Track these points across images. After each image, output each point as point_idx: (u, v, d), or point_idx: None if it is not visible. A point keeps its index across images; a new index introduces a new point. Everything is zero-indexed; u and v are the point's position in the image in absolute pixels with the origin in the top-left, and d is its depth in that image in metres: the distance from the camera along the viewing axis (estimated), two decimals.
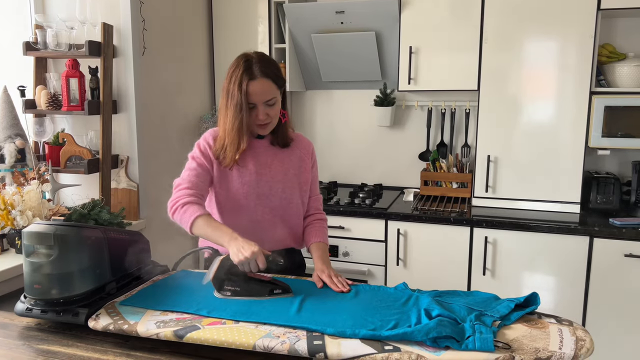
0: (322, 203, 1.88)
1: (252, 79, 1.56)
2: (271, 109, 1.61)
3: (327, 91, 3.35)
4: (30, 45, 2.42)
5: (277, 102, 1.62)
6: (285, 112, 1.70)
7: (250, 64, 1.57)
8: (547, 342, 1.13)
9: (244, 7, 3.05)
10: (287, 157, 1.73)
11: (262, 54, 1.64)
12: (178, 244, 2.95)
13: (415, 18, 2.76)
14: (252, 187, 1.66)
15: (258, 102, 1.58)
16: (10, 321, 1.39)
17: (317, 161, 1.84)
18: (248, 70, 1.56)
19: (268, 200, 1.69)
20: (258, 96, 1.57)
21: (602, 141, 2.56)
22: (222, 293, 1.38)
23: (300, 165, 1.75)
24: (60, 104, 2.47)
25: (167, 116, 2.82)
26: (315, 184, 1.83)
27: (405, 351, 1.10)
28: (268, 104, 1.60)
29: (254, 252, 1.35)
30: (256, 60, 1.58)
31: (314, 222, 1.79)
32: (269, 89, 1.58)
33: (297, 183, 1.73)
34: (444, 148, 3.10)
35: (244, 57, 1.60)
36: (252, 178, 1.67)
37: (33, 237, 1.30)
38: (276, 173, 1.70)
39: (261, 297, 1.35)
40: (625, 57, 2.64)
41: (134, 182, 2.57)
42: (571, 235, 2.43)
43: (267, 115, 1.60)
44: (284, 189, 1.70)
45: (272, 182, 1.69)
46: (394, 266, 2.72)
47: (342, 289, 1.48)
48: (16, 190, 2.00)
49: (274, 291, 1.36)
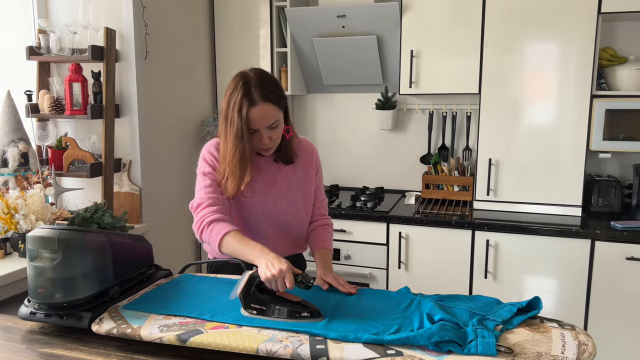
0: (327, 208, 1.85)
1: (252, 105, 1.47)
2: (274, 132, 1.54)
3: (329, 95, 3.36)
4: (33, 50, 2.44)
5: (279, 123, 1.55)
6: (289, 128, 1.63)
7: (249, 87, 1.48)
8: (549, 347, 1.13)
9: (246, 12, 3.06)
10: (291, 171, 1.69)
11: (260, 73, 1.54)
12: (180, 248, 2.96)
13: (416, 22, 2.77)
14: (257, 205, 1.63)
15: (260, 128, 1.51)
16: (14, 325, 1.39)
17: (321, 165, 1.82)
18: (247, 94, 1.47)
19: (272, 217, 1.66)
20: (260, 122, 1.50)
21: (604, 144, 2.56)
22: (248, 311, 1.30)
23: (304, 176, 1.72)
24: (63, 108, 2.48)
25: (169, 120, 2.83)
26: (320, 190, 1.79)
27: (408, 355, 1.10)
28: (271, 127, 1.53)
29: (282, 270, 1.26)
30: (255, 82, 1.49)
31: (318, 228, 1.76)
32: (271, 114, 1.50)
33: (300, 195, 1.70)
34: (446, 151, 3.10)
35: (242, 78, 1.50)
36: (258, 197, 1.62)
37: (37, 241, 1.31)
38: (280, 189, 1.66)
39: (287, 320, 1.25)
40: (626, 60, 2.65)
41: (136, 185, 2.58)
42: (573, 238, 2.43)
43: (270, 139, 1.54)
44: (289, 203, 1.67)
45: (276, 199, 1.65)
46: (395, 269, 2.72)
47: (350, 290, 1.45)
48: (19, 194, 2.01)
49: (302, 314, 1.25)
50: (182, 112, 2.95)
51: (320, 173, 1.80)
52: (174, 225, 2.88)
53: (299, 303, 1.28)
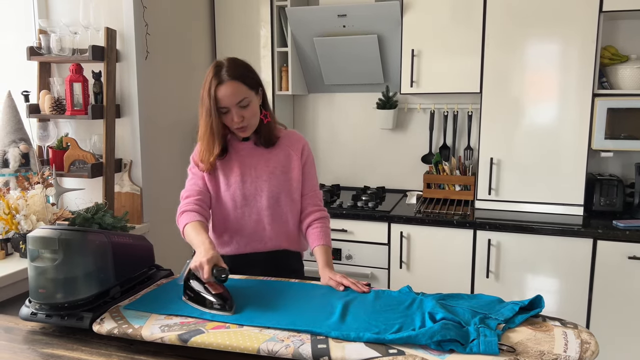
0: (322, 199, 1.82)
1: (219, 83, 1.57)
2: (245, 111, 1.61)
3: (330, 94, 3.35)
4: (34, 50, 2.44)
5: (250, 103, 1.62)
6: (267, 113, 1.71)
7: (219, 69, 1.59)
8: (551, 345, 1.13)
9: (247, 11, 3.06)
10: (274, 157, 1.72)
11: (233, 59, 1.64)
12: (181, 248, 2.96)
13: (417, 21, 2.76)
14: (237, 189, 1.70)
15: (230, 105, 1.59)
16: (15, 325, 1.39)
17: (317, 161, 1.81)
18: (217, 75, 1.58)
19: (255, 201, 1.70)
20: (227, 99, 1.58)
21: (605, 143, 2.56)
22: (184, 298, 1.41)
23: (288, 162, 1.73)
24: (63, 109, 2.48)
25: (170, 120, 2.83)
26: (311, 181, 1.79)
27: (410, 354, 1.10)
28: (240, 105, 1.60)
29: (202, 262, 1.37)
30: (226, 65, 1.60)
31: (314, 224, 1.75)
32: (238, 91, 1.59)
33: (284, 181, 1.72)
34: (447, 151, 3.10)
35: (216, 63, 1.62)
36: (237, 179, 1.70)
37: (38, 242, 1.30)
38: (261, 173, 1.70)
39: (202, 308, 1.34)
40: (627, 59, 2.64)
41: (137, 185, 2.58)
42: (575, 237, 2.43)
43: (242, 118, 1.61)
44: (270, 188, 1.70)
45: (257, 182, 1.70)
46: (397, 269, 2.72)
47: (364, 290, 1.47)
48: (20, 195, 2.01)
49: (214, 305, 1.33)
50: (182, 112, 2.94)
51: (310, 165, 1.79)
52: (175, 226, 2.87)
53: (220, 295, 1.35)
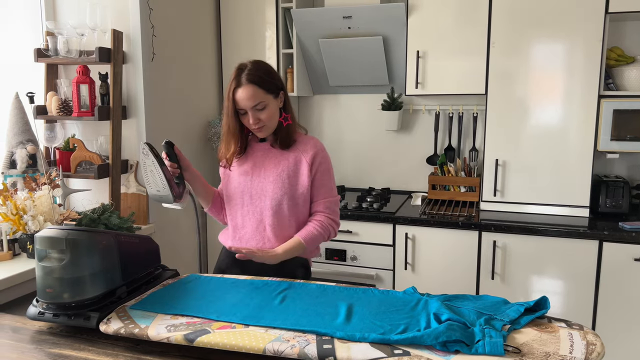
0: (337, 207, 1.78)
1: (238, 85, 1.64)
2: (261, 113, 1.66)
3: (335, 96, 3.36)
4: (41, 52, 2.46)
5: (267, 106, 1.66)
6: (287, 116, 1.74)
7: (241, 71, 1.65)
8: (557, 347, 1.13)
9: (252, 13, 3.07)
10: (285, 160, 1.73)
11: (257, 62, 1.69)
12: (187, 248, 2.97)
13: (422, 22, 2.76)
14: (245, 187, 1.75)
15: (247, 108, 1.65)
16: (23, 325, 1.40)
17: (327, 166, 1.78)
18: (237, 77, 1.65)
19: (259, 201, 1.74)
20: (244, 102, 1.64)
21: (611, 144, 2.55)
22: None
23: (297, 167, 1.72)
24: (70, 110, 2.50)
25: (175, 121, 2.84)
26: (322, 188, 1.75)
27: (415, 355, 1.10)
28: (256, 108, 1.65)
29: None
30: (247, 68, 1.65)
31: (311, 221, 1.74)
32: (254, 95, 1.63)
33: (289, 185, 1.71)
34: (452, 152, 3.10)
35: (239, 65, 1.68)
36: (247, 178, 1.76)
37: (45, 242, 1.31)
38: (269, 174, 1.73)
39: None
40: (633, 60, 2.63)
41: (143, 186, 2.59)
42: (580, 239, 2.42)
43: (258, 120, 1.67)
44: (274, 190, 1.71)
45: (264, 183, 1.73)
46: (402, 270, 2.72)
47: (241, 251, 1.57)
48: (28, 196, 2.02)
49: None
50: (188, 114, 2.96)
51: (324, 172, 1.76)
52: (181, 226, 2.89)
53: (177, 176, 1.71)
